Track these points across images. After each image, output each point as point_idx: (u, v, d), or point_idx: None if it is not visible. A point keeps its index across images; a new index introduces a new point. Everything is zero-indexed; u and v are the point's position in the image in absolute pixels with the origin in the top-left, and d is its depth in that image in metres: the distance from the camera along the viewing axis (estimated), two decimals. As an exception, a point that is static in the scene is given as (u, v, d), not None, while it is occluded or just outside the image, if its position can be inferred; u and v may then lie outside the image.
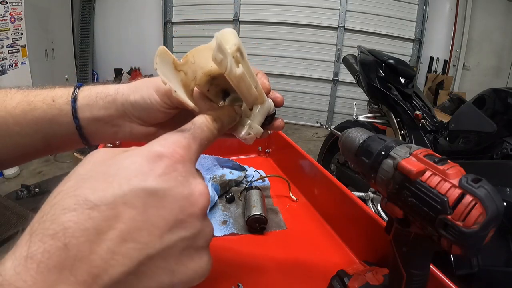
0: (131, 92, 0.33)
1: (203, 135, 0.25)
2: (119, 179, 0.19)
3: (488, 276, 0.88)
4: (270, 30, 3.44)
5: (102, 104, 0.34)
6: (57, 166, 2.54)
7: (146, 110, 0.33)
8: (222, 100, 0.32)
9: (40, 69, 3.15)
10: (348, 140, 0.39)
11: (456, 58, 3.45)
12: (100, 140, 0.37)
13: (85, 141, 0.36)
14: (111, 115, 0.34)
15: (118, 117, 0.34)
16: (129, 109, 0.33)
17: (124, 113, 0.33)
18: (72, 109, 0.34)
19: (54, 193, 0.20)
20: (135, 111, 0.33)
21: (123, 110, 0.33)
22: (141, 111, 0.33)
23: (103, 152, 0.22)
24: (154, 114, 0.33)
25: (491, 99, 1.14)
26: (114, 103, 0.33)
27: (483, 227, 0.26)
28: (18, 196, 1.86)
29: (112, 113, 0.33)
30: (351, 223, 0.57)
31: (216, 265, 0.54)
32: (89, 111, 0.34)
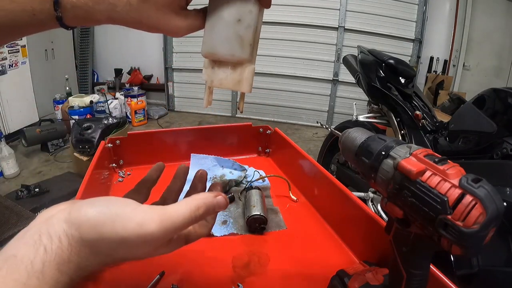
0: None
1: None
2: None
3: (488, 276, 0.88)
4: (270, 30, 3.44)
5: None
6: (57, 166, 2.54)
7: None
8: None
9: (40, 69, 3.15)
10: (348, 140, 0.39)
11: (456, 58, 3.45)
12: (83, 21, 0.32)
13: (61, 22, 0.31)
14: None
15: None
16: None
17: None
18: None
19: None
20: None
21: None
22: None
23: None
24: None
25: (491, 99, 1.14)
26: None
27: (483, 227, 0.26)
28: (18, 196, 1.86)
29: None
30: (351, 223, 0.57)
31: (216, 265, 0.55)
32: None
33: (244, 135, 0.91)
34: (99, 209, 0.25)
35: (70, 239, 0.24)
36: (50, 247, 0.23)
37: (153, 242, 0.26)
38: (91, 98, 3.11)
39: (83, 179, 0.59)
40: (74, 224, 0.24)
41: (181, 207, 0.28)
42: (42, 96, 3.14)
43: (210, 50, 0.32)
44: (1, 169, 2.29)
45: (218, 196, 0.31)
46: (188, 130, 0.89)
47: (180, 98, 4.02)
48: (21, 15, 0.29)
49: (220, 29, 0.31)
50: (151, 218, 0.26)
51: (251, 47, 0.32)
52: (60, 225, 0.24)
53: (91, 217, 0.25)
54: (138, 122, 3.53)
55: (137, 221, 0.25)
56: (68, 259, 0.23)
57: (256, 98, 3.73)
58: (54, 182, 2.13)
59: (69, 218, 0.25)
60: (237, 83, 0.33)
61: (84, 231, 0.24)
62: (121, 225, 0.25)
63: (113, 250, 0.25)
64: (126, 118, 3.08)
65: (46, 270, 0.22)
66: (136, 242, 0.25)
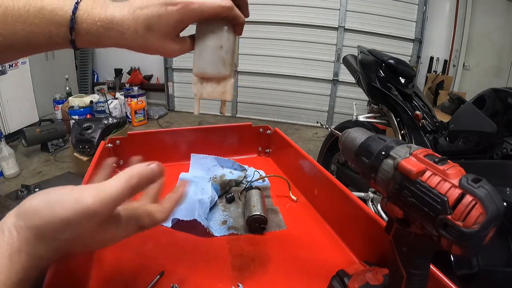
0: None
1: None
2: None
3: (488, 276, 0.88)
4: (270, 30, 3.44)
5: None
6: (57, 166, 2.54)
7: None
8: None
9: (40, 69, 3.15)
10: (348, 140, 0.39)
11: (456, 58, 3.45)
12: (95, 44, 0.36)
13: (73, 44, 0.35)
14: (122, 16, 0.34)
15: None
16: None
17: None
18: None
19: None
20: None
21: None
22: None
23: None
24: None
25: (491, 99, 1.14)
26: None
27: (483, 227, 0.26)
28: (18, 196, 1.86)
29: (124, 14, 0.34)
30: (351, 223, 0.57)
31: (216, 265, 0.55)
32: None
33: (244, 135, 0.91)
34: (40, 197, 0.27)
35: (18, 229, 0.26)
36: (2, 239, 0.25)
37: (93, 216, 0.27)
38: (91, 98, 3.11)
39: (83, 179, 0.59)
40: (21, 215, 0.27)
41: (115, 179, 0.29)
42: (42, 96, 3.14)
43: (201, 70, 0.42)
44: (1, 169, 2.29)
45: (151, 164, 0.32)
46: (188, 130, 0.89)
47: (180, 98, 4.02)
48: (39, 37, 0.33)
49: (207, 54, 0.40)
50: (87, 193, 0.27)
51: (231, 66, 0.42)
52: (10, 219, 0.27)
53: (33, 205, 0.27)
54: (138, 122, 3.53)
55: (73, 198, 0.27)
56: (19, 249, 0.26)
57: (256, 98, 3.73)
58: (54, 182, 2.13)
59: (17, 211, 0.27)
60: (222, 94, 0.43)
61: (28, 219, 0.26)
62: (59, 206, 0.26)
63: (57, 231, 0.27)
64: (126, 118, 3.08)
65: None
66: (76, 219, 0.26)
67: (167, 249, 0.55)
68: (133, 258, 0.52)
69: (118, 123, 2.55)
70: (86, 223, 0.27)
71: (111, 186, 0.29)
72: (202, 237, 0.59)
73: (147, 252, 0.54)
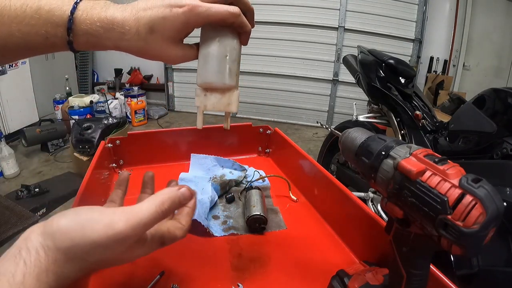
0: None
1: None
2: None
3: (488, 276, 0.88)
4: (270, 30, 3.44)
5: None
6: (57, 166, 2.54)
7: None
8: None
9: (40, 69, 3.15)
10: (348, 140, 0.39)
11: (456, 58, 3.45)
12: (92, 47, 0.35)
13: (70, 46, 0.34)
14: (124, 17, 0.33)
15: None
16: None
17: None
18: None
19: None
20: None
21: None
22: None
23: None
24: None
25: (491, 99, 1.14)
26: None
27: (483, 227, 0.26)
28: (18, 196, 1.86)
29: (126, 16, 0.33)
30: (351, 223, 0.57)
31: (216, 265, 0.55)
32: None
33: (244, 135, 0.91)
34: (69, 218, 0.27)
35: (46, 250, 0.25)
36: (29, 259, 0.25)
37: (123, 241, 0.27)
38: (91, 98, 3.11)
39: (83, 179, 0.59)
40: (49, 235, 0.26)
41: (146, 204, 0.30)
42: (42, 96, 3.14)
43: (206, 80, 0.39)
44: (1, 169, 2.29)
45: (182, 188, 0.33)
46: (188, 130, 0.89)
47: (180, 98, 4.02)
48: (35, 38, 0.32)
49: (212, 63, 0.39)
50: (118, 217, 0.27)
51: (237, 76, 0.40)
52: (36, 239, 0.26)
53: (63, 226, 0.26)
54: (138, 122, 3.53)
55: (105, 222, 0.27)
56: (46, 268, 0.25)
57: (256, 98, 3.73)
58: (54, 182, 2.13)
59: (44, 231, 0.26)
60: (227, 105, 0.41)
61: (57, 240, 0.26)
62: (90, 228, 0.26)
63: (87, 254, 0.27)
64: (126, 118, 3.08)
65: (26, 281, 0.24)
66: (107, 243, 0.27)
67: (167, 249, 0.55)
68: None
69: (118, 123, 2.55)
70: (116, 247, 0.28)
71: (142, 211, 0.29)
72: (202, 237, 0.59)
73: (147, 252, 0.54)
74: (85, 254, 0.27)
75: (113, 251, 0.28)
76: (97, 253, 0.27)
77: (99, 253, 0.27)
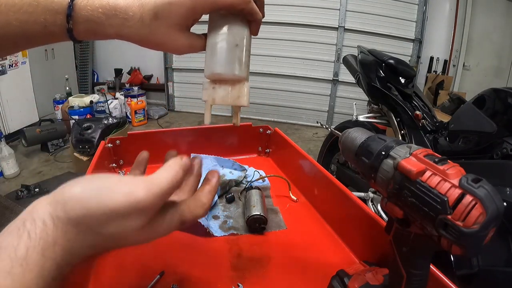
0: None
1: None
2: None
3: (488, 276, 0.88)
4: (270, 30, 3.44)
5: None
6: (57, 166, 2.54)
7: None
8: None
9: (40, 69, 3.15)
10: (348, 140, 0.39)
11: (456, 58, 3.45)
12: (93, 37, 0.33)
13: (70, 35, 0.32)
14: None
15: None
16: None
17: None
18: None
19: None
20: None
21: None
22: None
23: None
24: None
25: (491, 99, 1.14)
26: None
27: (483, 227, 0.26)
28: (18, 196, 1.86)
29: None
30: (351, 223, 0.57)
31: (216, 265, 0.55)
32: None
33: (244, 135, 0.91)
34: (83, 185, 0.24)
35: (56, 220, 0.22)
36: (34, 231, 0.22)
37: (144, 211, 0.25)
38: (91, 98, 3.11)
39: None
40: (59, 203, 0.23)
41: (164, 173, 0.27)
42: (42, 96, 3.14)
43: (214, 71, 0.36)
44: (1, 169, 2.29)
45: (184, 158, 0.30)
46: (188, 130, 0.89)
47: (180, 98, 4.02)
48: (33, 26, 0.30)
49: (221, 53, 0.36)
50: (138, 185, 0.25)
51: (247, 67, 0.38)
52: (44, 209, 0.23)
53: (76, 193, 0.24)
54: (138, 122, 3.53)
55: (124, 190, 0.24)
56: (54, 241, 0.22)
57: (256, 98, 3.73)
58: (54, 182, 2.13)
59: (53, 199, 0.23)
60: (237, 99, 0.38)
61: (70, 208, 0.23)
62: (108, 197, 0.23)
63: (103, 224, 0.24)
64: (126, 118, 3.08)
65: (30, 256, 0.21)
66: (126, 212, 0.24)
67: (167, 249, 0.55)
68: (133, 258, 0.52)
69: (118, 123, 2.55)
70: (135, 218, 0.25)
71: (162, 179, 0.26)
72: (202, 237, 0.59)
73: (147, 252, 0.54)
74: (100, 226, 0.23)
75: (131, 224, 0.25)
76: (114, 225, 0.24)
77: (116, 225, 0.24)
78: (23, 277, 0.20)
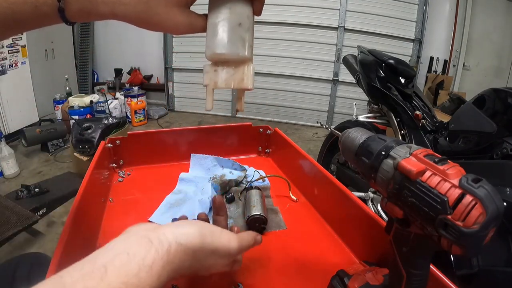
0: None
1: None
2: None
3: (488, 276, 0.88)
4: (270, 30, 3.44)
5: None
6: (57, 166, 2.54)
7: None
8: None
9: (40, 69, 3.15)
10: (348, 140, 0.39)
11: (456, 58, 3.45)
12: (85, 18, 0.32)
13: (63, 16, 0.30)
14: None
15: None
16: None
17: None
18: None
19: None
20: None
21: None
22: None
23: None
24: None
25: (491, 99, 1.14)
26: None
27: (483, 227, 0.26)
28: (18, 196, 1.86)
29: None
30: (351, 223, 0.57)
31: (216, 265, 0.54)
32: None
33: (244, 135, 0.91)
34: (199, 226, 0.33)
35: (178, 246, 0.29)
36: (161, 249, 0.28)
37: (231, 255, 0.36)
38: (91, 98, 3.11)
39: (83, 179, 0.59)
40: (183, 234, 0.31)
41: (248, 236, 0.39)
42: (42, 96, 3.14)
43: (216, 51, 0.34)
44: (1, 169, 2.29)
45: (258, 236, 0.41)
46: (188, 130, 0.89)
47: (180, 98, 4.02)
48: (23, 7, 0.29)
49: (224, 32, 0.34)
50: (234, 238, 0.36)
51: (251, 48, 0.35)
52: (169, 235, 0.30)
53: (196, 230, 0.32)
54: (138, 122, 3.53)
55: (226, 238, 0.35)
56: (172, 260, 0.28)
57: (256, 98, 3.73)
58: (54, 182, 2.13)
59: (176, 230, 0.31)
60: (241, 81, 0.35)
61: (190, 240, 0.31)
62: (217, 239, 0.34)
63: (207, 257, 0.33)
64: (126, 118, 3.08)
65: (154, 266, 0.26)
66: (223, 253, 0.35)
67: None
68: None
69: (118, 123, 2.55)
70: (224, 259, 0.36)
71: (246, 242, 0.38)
72: (202, 237, 0.59)
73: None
74: (205, 257, 0.32)
75: (222, 261, 0.36)
76: (213, 259, 0.34)
77: (214, 259, 0.34)
78: (145, 280, 0.25)
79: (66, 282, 0.22)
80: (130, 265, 0.25)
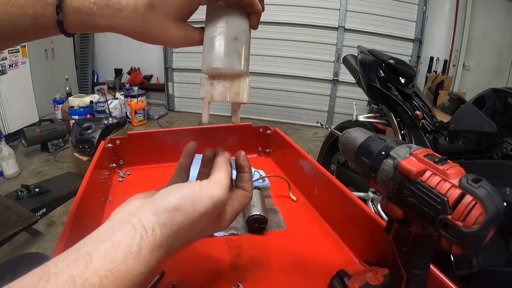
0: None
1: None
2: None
3: (488, 276, 0.88)
4: (270, 30, 3.44)
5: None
6: (57, 166, 2.54)
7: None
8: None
9: (40, 69, 3.15)
10: (348, 140, 0.39)
11: (456, 58, 3.45)
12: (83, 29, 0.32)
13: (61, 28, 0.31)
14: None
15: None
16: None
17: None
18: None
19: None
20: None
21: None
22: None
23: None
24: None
25: (491, 99, 1.14)
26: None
27: (483, 227, 0.26)
28: (18, 196, 1.86)
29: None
30: (351, 223, 0.57)
31: (216, 265, 0.55)
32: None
33: (244, 135, 0.91)
34: (177, 195, 0.30)
35: (162, 228, 0.28)
36: (145, 235, 0.27)
37: (221, 205, 0.32)
38: (91, 98, 3.11)
39: (83, 179, 0.59)
40: (163, 213, 0.28)
41: (222, 171, 0.35)
42: (42, 96, 3.14)
43: (212, 65, 0.35)
44: (1, 169, 2.29)
45: (225, 153, 0.40)
46: (188, 130, 0.89)
47: (180, 98, 4.02)
48: (22, 19, 0.29)
49: (221, 46, 0.34)
50: (215, 187, 0.31)
51: (247, 62, 0.36)
52: (151, 218, 0.28)
53: (175, 203, 0.29)
54: (138, 122, 3.53)
55: (208, 194, 0.30)
56: (160, 244, 0.27)
57: (256, 98, 3.73)
58: (54, 182, 2.14)
59: (156, 210, 0.28)
60: (237, 95, 0.36)
61: (172, 217, 0.28)
62: (199, 203, 0.30)
63: (196, 225, 0.30)
64: (126, 118, 3.08)
65: (141, 253, 0.26)
66: (211, 211, 0.31)
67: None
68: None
69: (118, 123, 2.55)
70: (216, 212, 0.32)
71: (224, 177, 0.33)
72: (202, 237, 0.59)
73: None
74: (194, 227, 0.30)
75: (214, 216, 0.32)
76: (202, 223, 0.31)
77: (203, 222, 0.31)
78: (133, 267, 0.25)
79: (51, 271, 0.22)
80: (116, 252, 0.25)
